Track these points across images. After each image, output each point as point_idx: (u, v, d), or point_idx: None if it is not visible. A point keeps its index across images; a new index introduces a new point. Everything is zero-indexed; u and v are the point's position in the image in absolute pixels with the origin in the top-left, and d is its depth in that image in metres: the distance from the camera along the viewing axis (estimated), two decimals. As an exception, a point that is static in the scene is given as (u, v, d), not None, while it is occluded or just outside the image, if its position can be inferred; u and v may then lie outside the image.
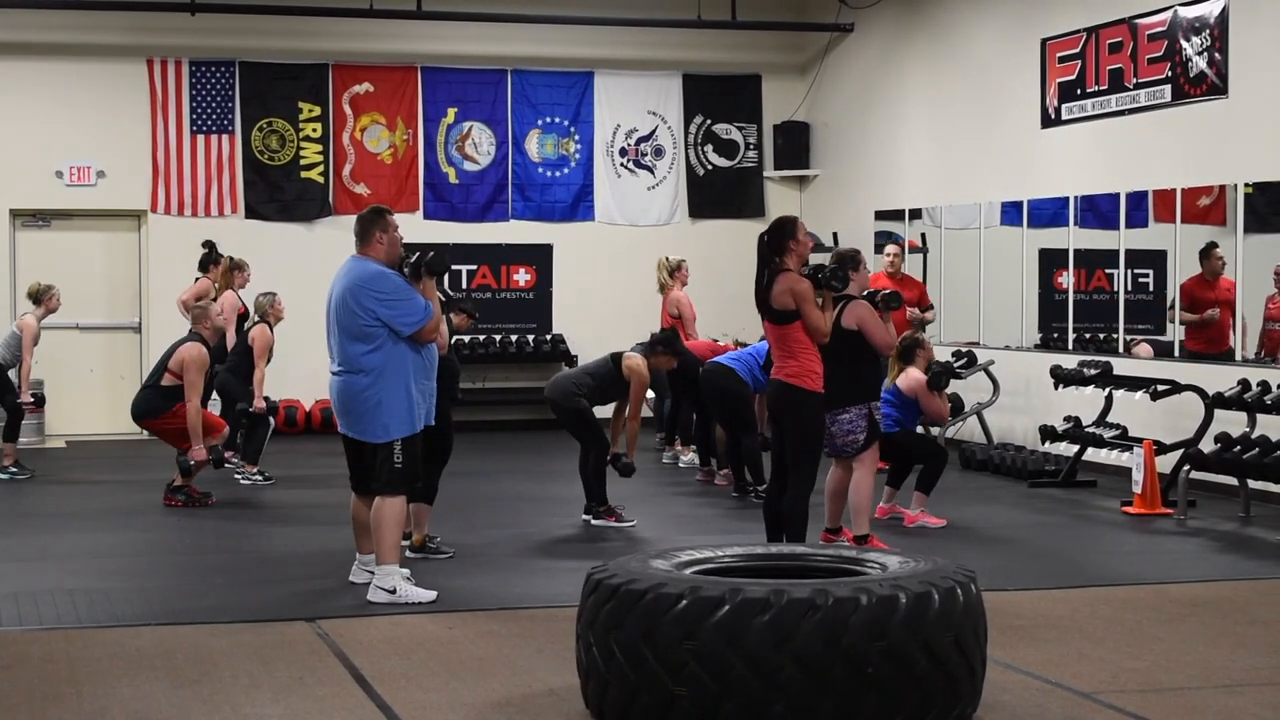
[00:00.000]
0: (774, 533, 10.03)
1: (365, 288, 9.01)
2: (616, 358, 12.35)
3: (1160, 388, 13.37)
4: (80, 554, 11.03)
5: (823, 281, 9.85)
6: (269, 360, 14.75)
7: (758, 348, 13.28)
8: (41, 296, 15.23)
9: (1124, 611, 9.00)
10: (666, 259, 16.46)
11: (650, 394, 16.41)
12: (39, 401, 15.43)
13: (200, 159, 19.03)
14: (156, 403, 13.32)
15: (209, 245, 16.37)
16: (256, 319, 14.86)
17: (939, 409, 12.20)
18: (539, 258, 20.17)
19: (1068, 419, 14.30)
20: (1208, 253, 13.95)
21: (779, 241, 9.81)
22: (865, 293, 10.78)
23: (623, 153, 20.44)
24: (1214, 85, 13.80)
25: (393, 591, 9.06)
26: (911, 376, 12.10)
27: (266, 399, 14.62)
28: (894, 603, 6.18)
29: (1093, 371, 14.13)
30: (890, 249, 16.38)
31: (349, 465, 9.48)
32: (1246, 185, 13.59)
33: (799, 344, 9.69)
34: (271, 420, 14.79)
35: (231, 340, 15.07)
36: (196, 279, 16.33)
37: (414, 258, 9.29)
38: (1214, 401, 12.81)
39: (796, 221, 10.02)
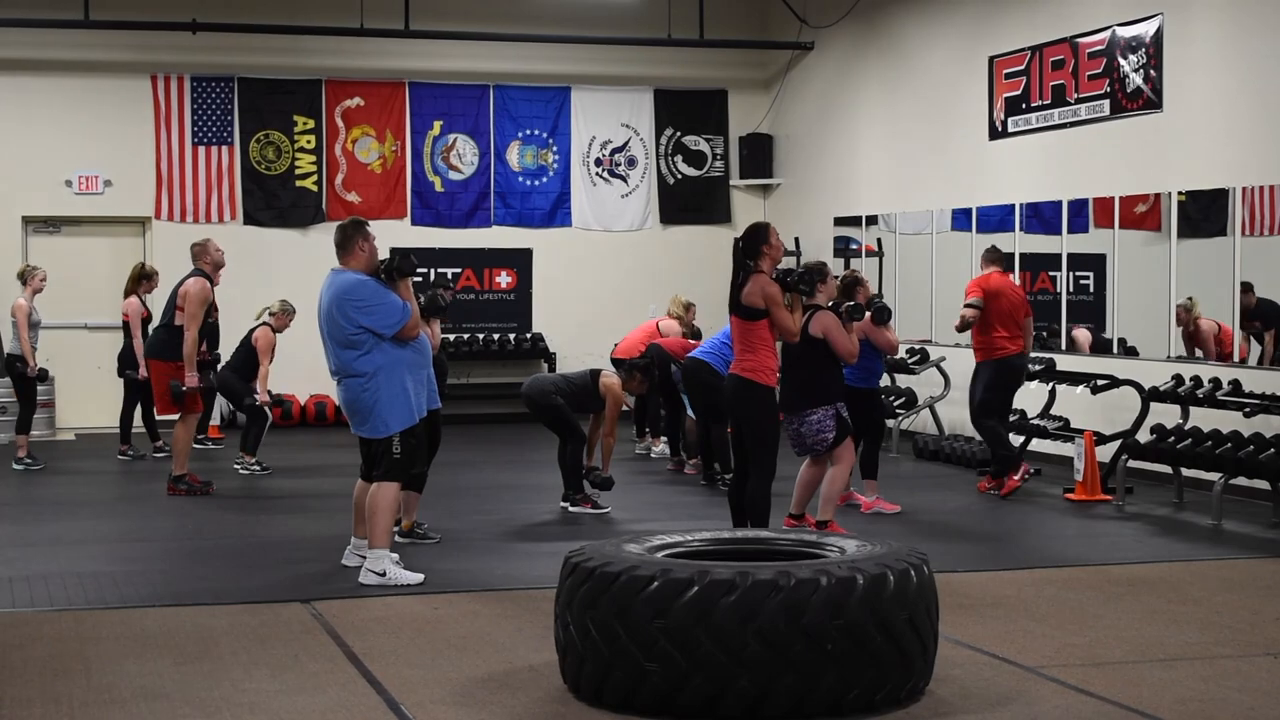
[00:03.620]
0: (739, 518, 10.05)
1: (347, 298, 9.00)
2: (595, 374, 12.34)
3: (1100, 382, 13.40)
4: (89, 539, 11.00)
5: (791, 285, 9.91)
6: (271, 360, 14.71)
7: (726, 332, 13.32)
8: (27, 277, 15.15)
9: (1066, 591, 9.02)
10: (679, 297, 16.41)
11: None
12: (42, 376, 15.23)
13: (201, 169, 18.98)
14: (167, 341, 13.13)
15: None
16: (260, 322, 14.80)
17: (889, 340, 12.05)
18: (519, 261, 20.16)
19: (1014, 411, 14.31)
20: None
21: (753, 246, 9.80)
22: (830, 303, 10.79)
23: (598, 163, 20.44)
24: (1149, 100, 13.84)
25: (383, 574, 9.05)
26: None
27: (270, 393, 14.59)
28: (852, 584, 6.19)
29: (1037, 367, 14.15)
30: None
31: (362, 456, 9.46)
32: (1180, 193, 13.62)
33: (760, 340, 9.71)
34: (269, 413, 14.74)
35: (139, 344, 15.07)
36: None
37: (384, 263, 9.31)
38: (1150, 395, 12.86)
39: (769, 227, 9.99)
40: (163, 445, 15.77)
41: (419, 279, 9.52)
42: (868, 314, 11.56)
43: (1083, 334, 14.88)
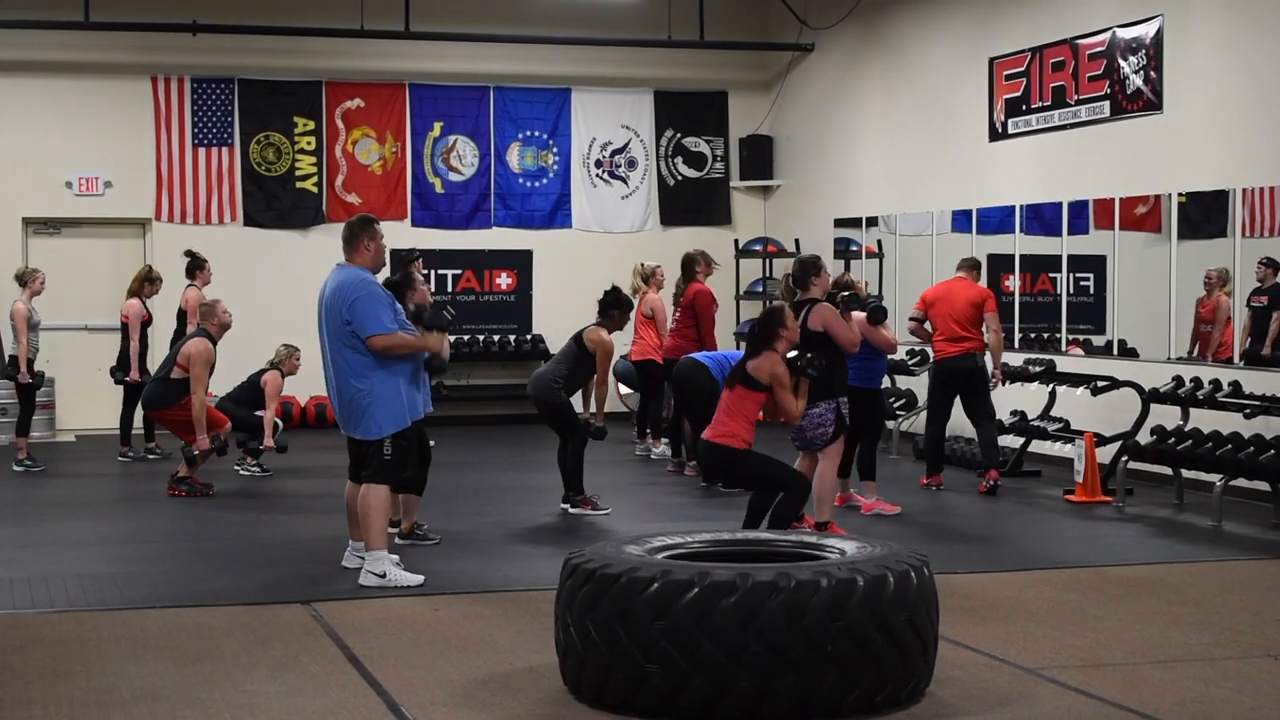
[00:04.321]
0: (753, 520, 10.02)
1: (347, 292, 8.97)
2: (578, 338, 12.29)
3: (1100, 384, 13.41)
4: (89, 541, 11.00)
5: (800, 369, 9.91)
6: (277, 403, 14.61)
7: (731, 354, 13.30)
8: (26, 279, 15.14)
9: (1066, 593, 9.03)
10: (641, 265, 16.48)
11: (625, 389, 16.50)
12: (39, 381, 15.20)
13: (201, 170, 18.98)
14: (164, 394, 13.28)
15: (191, 254, 16.02)
16: (270, 365, 14.65)
17: (886, 339, 12.08)
18: (520, 263, 20.16)
19: (1014, 413, 14.33)
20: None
21: (770, 331, 9.81)
22: (827, 295, 10.79)
23: (598, 164, 20.44)
24: (1150, 101, 13.84)
25: (382, 576, 9.04)
26: (854, 316, 11.75)
27: (275, 435, 14.45)
28: (852, 585, 6.19)
29: (1037, 369, 14.16)
30: None
31: (350, 457, 9.43)
32: (1180, 195, 13.63)
33: (745, 413, 9.74)
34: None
35: (135, 346, 15.36)
36: (186, 286, 15.96)
37: (420, 311, 9.33)
38: (1150, 396, 12.87)
39: (784, 310, 10.00)
40: (156, 446, 15.77)
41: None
42: (863, 313, 11.58)
43: (1077, 353, 14.89)
